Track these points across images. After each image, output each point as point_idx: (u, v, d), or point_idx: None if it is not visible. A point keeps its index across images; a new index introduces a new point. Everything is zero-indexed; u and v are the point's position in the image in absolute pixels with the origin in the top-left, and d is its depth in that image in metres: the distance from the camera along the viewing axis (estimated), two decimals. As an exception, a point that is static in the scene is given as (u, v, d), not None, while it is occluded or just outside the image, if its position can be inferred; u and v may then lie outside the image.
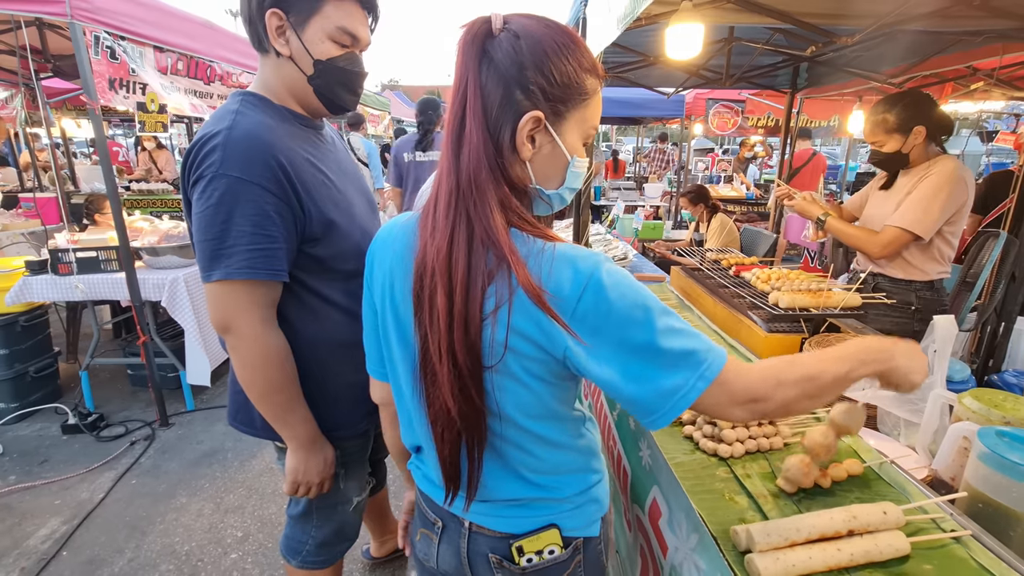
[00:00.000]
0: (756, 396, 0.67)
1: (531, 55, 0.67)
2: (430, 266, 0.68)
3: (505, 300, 0.65)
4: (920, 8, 2.14)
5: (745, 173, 9.10)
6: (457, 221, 0.67)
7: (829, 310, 1.66)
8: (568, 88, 0.69)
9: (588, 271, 0.64)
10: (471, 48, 0.67)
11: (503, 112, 0.67)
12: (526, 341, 0.67)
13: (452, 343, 0.66)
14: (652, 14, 2.30)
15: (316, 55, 1.04)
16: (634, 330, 0.64)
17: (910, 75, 3.79)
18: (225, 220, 0.96)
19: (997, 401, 1.04)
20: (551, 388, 0.73)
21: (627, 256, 3.23)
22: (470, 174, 0.67)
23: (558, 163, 0.73)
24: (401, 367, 0.81)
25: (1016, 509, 0.84)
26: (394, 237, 0.80)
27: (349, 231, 1.13)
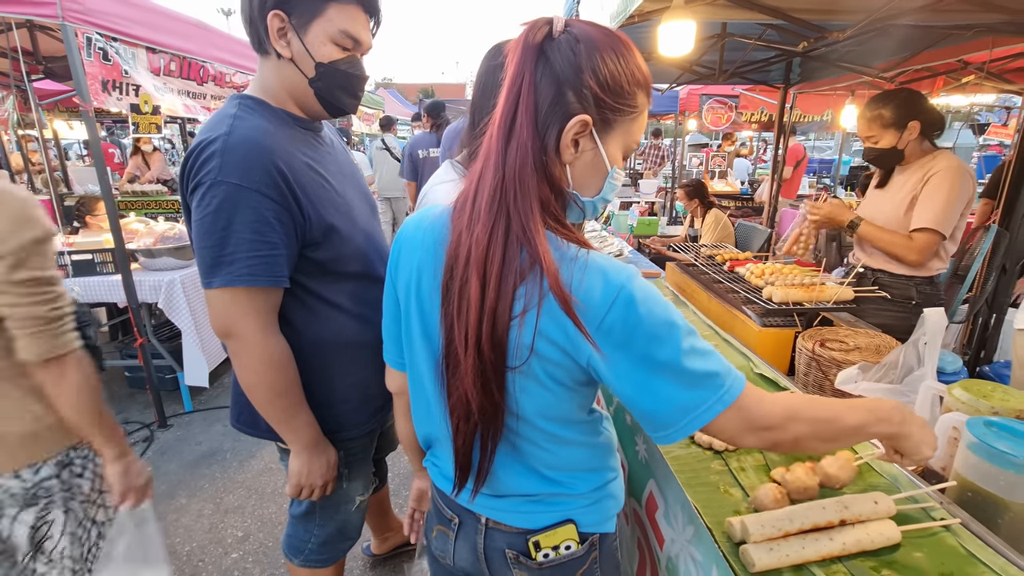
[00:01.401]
0: (771, 425, 0.69)
1: (588, 59, 0.67)
2: (464, 256, 0.68)
3: (535, 304, 0.66)
4: (911, 2, 2.15)
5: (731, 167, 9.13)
6: (499, 214, 0.67)
7: (822, 304, 1.68)
8: (620, 97, 0.70)
9: (619, 284, 0.64)
10: (530, 47, 0.68)
11: (552, 112, 0.68)
12: (552, 346, 0.68)
13: (480, 336, 0.67)
14: (645, 11, 2.31)
15: (318, 58, 1.05)
16: (659, 347, 0.65)
17: (901, 69, 3.81)
18: (225, 227, 0.97)
19: (986, 392, 1.06)
20: (572, 394, 0.74)
21: (623, 253, 3.24)
22: (516, 169, 0.67)
23: (598, 171, 0.74)
24: (422, 359, 0.81)
25: (1004, 497, 0.86)
26: (424, 230, 0.79)
27: (350, 234, 1.14)
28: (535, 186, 0.67)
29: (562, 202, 0.72)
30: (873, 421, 0.75)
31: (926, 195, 1.85)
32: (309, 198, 1.05)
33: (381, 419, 1.32)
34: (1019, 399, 1.02)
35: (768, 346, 1.67)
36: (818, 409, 0.72)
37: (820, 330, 1.59)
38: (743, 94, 6.59)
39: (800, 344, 1.52)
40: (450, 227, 0.73)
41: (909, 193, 1.91)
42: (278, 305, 1.08)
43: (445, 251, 0.72)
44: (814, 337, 1.52)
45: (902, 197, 1.94)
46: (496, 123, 0.69)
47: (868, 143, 1.98)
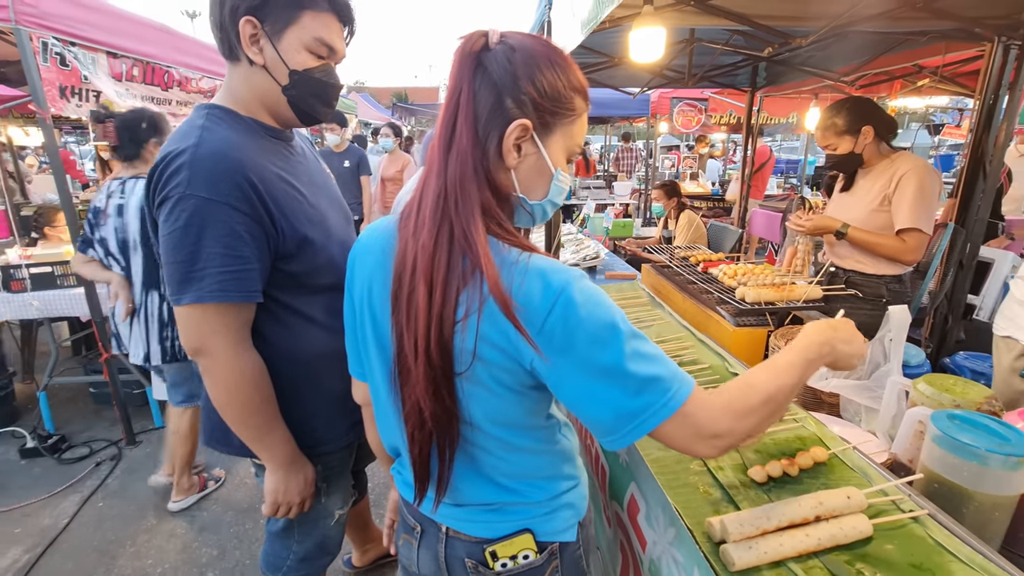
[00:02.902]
0: (719, 432, 0.68)
1: (524, 67, 0.69)
2: (411, 264, 0.69)
3: (475, 308, 0.66)
4: (868, 10, 2.24)
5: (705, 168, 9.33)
6: (442, 221, 0.68)
7: (792, 303, 1.73)
8: (557, 102, 0.72)
9: (559, 287, 0.65)
10: (468, 58, 0.69)
11: (492, 118, 0.69)
12: (495, 350, 0.68)
13: (429, 343, 0.67)
14: (615, 17, 2.34)
15: (292, 65, 1.03)
16: (601, 350, 0.65)
17: (861, 73, 3.96)
18: (195, 242, 0.94)
19: (948, 385, 1.10)
20: (520, 398, 0.74)
21: (599, 255, 3.27)
22: (457, 177, 0.68)
23: (542, 174, 0.75)
24: (378, 369, 0.82)
25: (968, 487, 0.89)
26: (375, 241, 0.81)
27: (324, 246, 1.12)
28: (476, 193, 0.69)
29: (508, 207, 0.74)
30: (806, 366, 0.77)
31: (901, 196, 1.93)
32: (281, 210, 1.03)
33: (359, 431, 1.30)
34: (978, 392, 1.07)
35: (742, 345, 1.70)
36: (761, 392, 0.71)
37: (791, 328, 1.63)
38: (712, 97, 6.74)
39: (773, 343, 1.55)
40: (398, 236, 0.74)
41: (879, 194, 1.99)
42: (251, 320, 1.05)
43: (393, 260, 0.73)
44: (786, 335, 1.56)
45: (872, 198, 2.01)
46: (437, 134, 0.71)
47: (828, 151, 2.08)
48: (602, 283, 2.87)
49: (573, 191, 7.57)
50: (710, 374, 1.45)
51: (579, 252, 3.35)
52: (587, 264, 3.21)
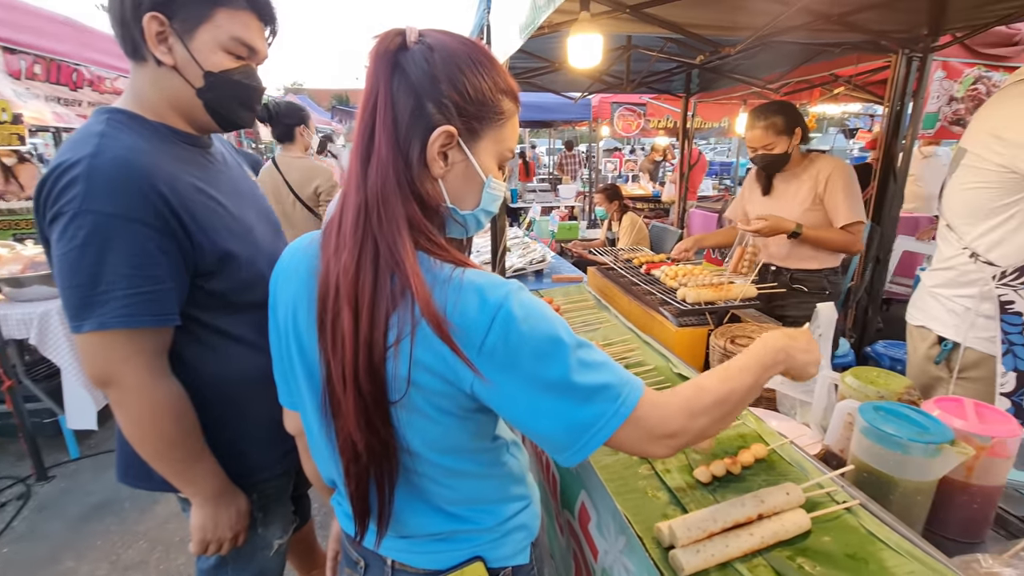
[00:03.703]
0: (673, 431, 0.68)
1: (445, 68, 0.65)
2: (333, 286, 0.64)
3: (407, 332, 0.62)
4: (788, 22, 2.37)
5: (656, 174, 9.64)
6: (365, 239, 0.63)
7: (731, 302, 1.79)
8: (483, 106, 0.68)
9: (497, 302, 0.61)
10: (383, 59, 0.64)
11: (414, 125, 0.65)
12: (431, 375, 0.64)
13: (357, 370, 0.62)
14: (553, 23, 2.36)
15: (207, 66, 0.95)
16: (546, 365, 0.62)
17: (784, 81, 4.21)
18: (95, 263, 0.84)
19: (872, 377, 1.16)
20: (462, 422, 0.70)
21: (545, 258, 3.29)
22: (377, 189, 0.63)
23: (472, 183, 0.71)
24: (308, 398, 0.76)
25: (893, 475, 0.94)
26: (298, 260, 0.75)
27: (251, 260, 1.04)
28: (400, 206, 0.64)
29: (437, 219, 0.70)
30: (761, 371, 0.78)
31: (835, 194, 2.07)
32: (199, 223, 0.94)
33: (297, 458, 1.22)
34: (898, 383, 1.14)
35: (684, 345, 1.75)
36: (713, 393, 0.71)
37: (730, 327, 1.69)
38: (650, 102, 6.96)
39: (713, 342, 1.60)
40: (320, 256, 0.68)
41: (809, 194, 2.11)
42: (167, 345, 0.96)
43: (317, 281, 0.68)
44: (725, 334, 1.61)
45: (802, 198, 2.13)
46: (354, 145, 0.66)
47: (764, 150, 2.14)
48: (549, 287, 2.88)
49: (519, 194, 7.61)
50: (655, 375, 1.47)
51: (526, 256, 3.35)
52: (534, 267, 3.22)
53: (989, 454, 0.92)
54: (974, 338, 1.47)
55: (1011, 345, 1.40)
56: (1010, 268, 1.37)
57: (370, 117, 0.64)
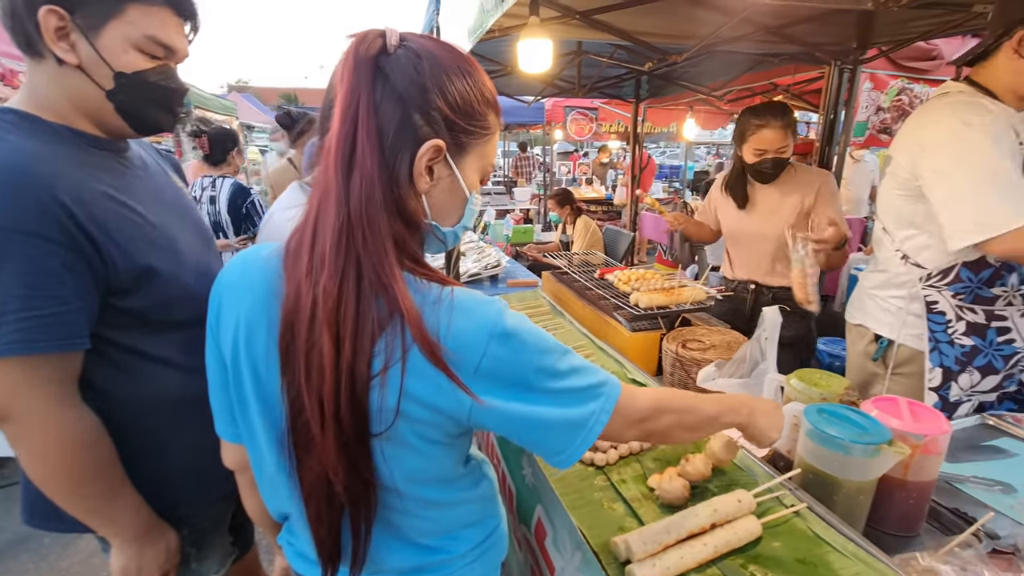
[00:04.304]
0: (645, 416, 0.74)
1: (434, 78, 0.62)
2: (308, 311, 0.58)
3: (397, 359, 0.58)
4: (732, 32, 2.45)
5: (605, 177, 9.82)
6: (348, 260, 0.58)
7: (682, 306, 1.82)
8: (472, 119, 0.65)
9: (491, 320, 0.60)
10: (364, 63, 0.60)
11: (401, 138, 0.61)
12: (421, 405, 0.61)
13: (338, 403, 0.58)
14: (504, 26, 2.34)
15: (118, 67, 0.87)
16: (542, 376, 0.63)
17: (727, 89, 4.37)
18: None
19: (815, 379, 1.20)
20: (448, 450, 0.68)
21: (500, 263, 3.27)
22: (362, 205, 0.59)
23: (456, 198, 0.69)
24: (261, 430, 0.69)
25: (837, 476, 0.96)
26: (252, 277, 0.68)
27: (175, 274, 0.95)
28: (386, 223, 0.60)
29: (419, 236, 0.66)
30: (725, 411, 0.85)
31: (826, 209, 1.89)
32: (111, 236, 0.85)
33: (235, 484, 1.14)
34: (839, 383, 1.18)
35: (638, 349, 1.76)
36: (680, 400, 0.80)
37: (681, 331, 1.72)
38: (602, 107, 7.09)
39: (665, 346, 1.62)
40: (284, 275, 0.63)
41: (794, 209, 1.92)
42: (76, 372, 0.86)
43: (280, 304, 0.62)
44: (676, 339, 1.63)
45: (786, 213, 1.94)
46: (332, 152, 0.60)
47: (777, 154, 1.88)
48: (504, 291, 2.86)
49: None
50: (610, 382, 1.47)
51: (481, 260, 3.32)
52: (489, 272, 3.19)
53: (923, 452, 0.96)
54: (906, 335, 1.55)
55: (937, 343, 1.48)
56: (935, 270, 1.46)
57: (351, 125, 0.59)
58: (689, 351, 1.55)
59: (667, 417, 0.76)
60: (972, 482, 1.14)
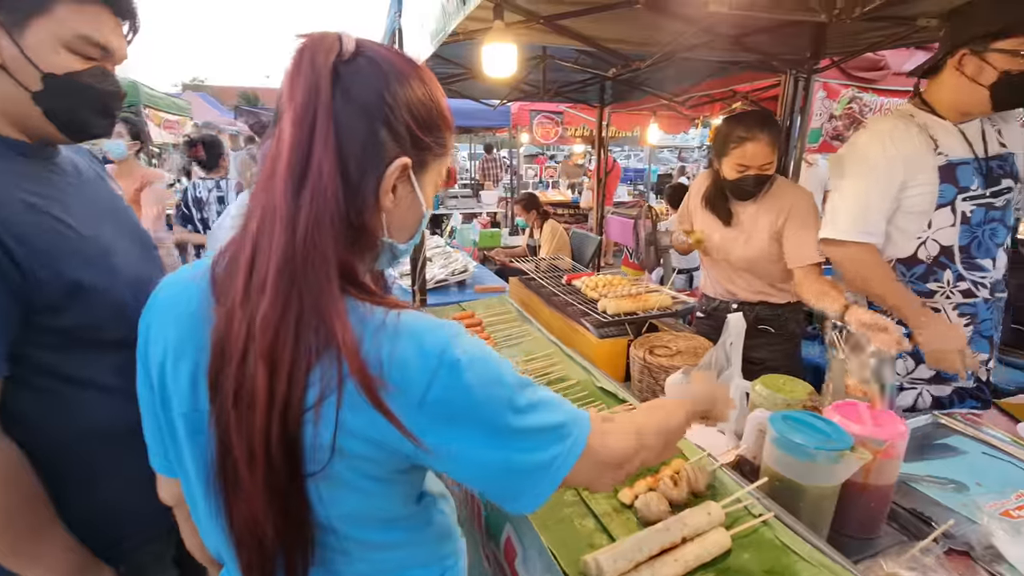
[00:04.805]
0: (621, 460, 0.68)
1: (398, 90, 0.58)
2: (242, 341, 0.53)
3: (333, 389, 0.53)
4: (692, 40, 2.49)
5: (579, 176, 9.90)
6: (291, 287, 0.53)
7: (649, 312, 1.83)
8: (435, 134, 0.62)
9: (439, 349, 0.55)
10: (321, 68, 0.55)
11: (367, 154, 0.57)
12: (360, 440, 0.55)
13: (269, 441, 0.52)
14: (468, 30, 2.31)
15: (46, 68, 0.80)
16: (495, 412, 0.57)
17: (689, 95, 4.46)
18: None
19: (779, 385, 1.21)
20: (391, 487, 0.62)
21: (468, 269, 3.23)
22: (310, 227, 0.53)
23: (413, 215, 0.65)
24: (192, 466, 0.64)
25: (801, 482, 0.97)
26: (178, 302, 0.63)
27: (108, 290, 0.88)
28: (332, 247, 0.55)
29: (371, 255, 0.63)
30: (691, 415, 0.84)
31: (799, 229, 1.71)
32: (34, 249, 0.78)
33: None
34: (802, 389, 1.19)
35: (606, 356, 1.76)
36: (653, 427, 0.75)
37: (649, 337, 1.72)
38: (567, 111, 7.14)
39: (633, 353, 1.62)
40: (212, 298, 0.58)
41: (768, 227, 1.77)
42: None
43: (209, 330, 0.57)
44: (644, 345, 1.63)
45: (760, 230, 1.79)
46: (282, 167, 0.54)
47: (761, 171, 1.69)
48: (472, 298, 2.83)
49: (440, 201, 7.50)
50: (579, 390, 1.46)
51: (448, 266, 3.27)
52: (456, 278, 3.15)
53: (883, 456, 0.98)
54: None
55: None
56: None
57: (307, 136, 0.54)
58: (657, 357, 1.55)
59: (644, 453, 0.71)
60: (927, 481, 1.18)
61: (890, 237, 1.51)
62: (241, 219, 0.59)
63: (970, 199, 1.44)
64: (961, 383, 1.54)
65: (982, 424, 1.38)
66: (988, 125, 1.47)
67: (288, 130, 0.54)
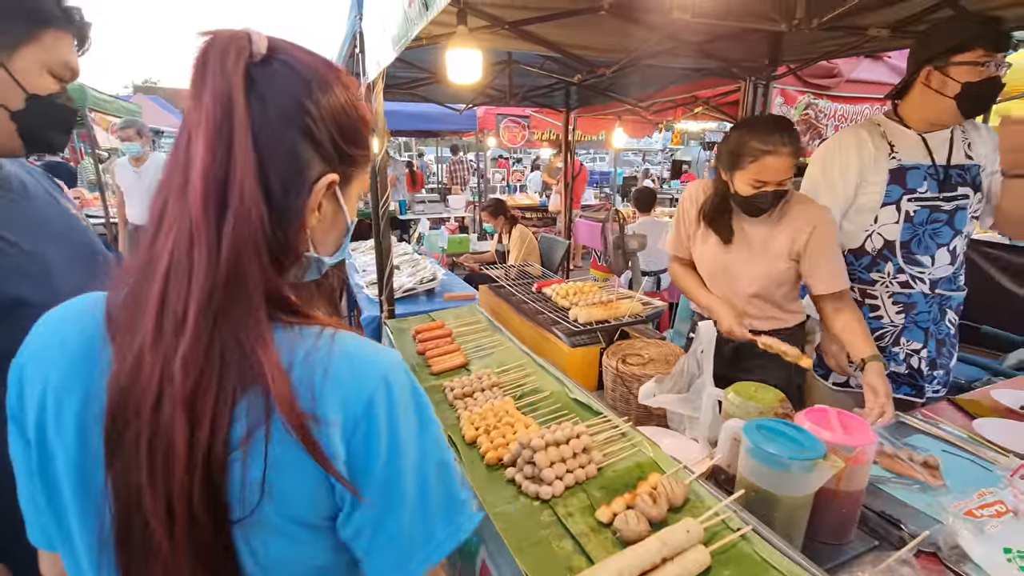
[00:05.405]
0: None
1: (320, 99, 0.53)
2: (153, 387, 0.47)
3: (261, 422, 0.48)
4: (655, 47, 2.52)
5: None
6: (216, 323, 0.48)
7: (621, 320, 1.82)
8: (359, 146, 0.58)
9: (375, 379, 0.52)
10: (233, 73, 0.49)
11: (291, 170, 0.52)
12: (291, 477, 0.50)
13: (191, 496, 0.47)
14: (432, 35, 2.27)
15: (32, 89, 0.86)
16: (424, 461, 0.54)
17: (653, 100, 4.53)
18: None
19: (751, 393, 1.22)
20: (328, 535, 0.56)
21: (436, 276, 3.18)
22: (233, 254, 0.48)
23: (338, 228, 0.62)
24: (79, 533, 0.54)
25: (776, 492, 0.97)
26: (61, 335, 0.55)
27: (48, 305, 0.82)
28: (259, 273, 0.50)
29: (297, 271, 0.58)
30: None
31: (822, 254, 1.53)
32: None
33: None
34: (773, 396, 1.20)
35: (578, 365, 1.74)
36: None
37: (620, 344, 1.72)
38: (533, 115, 7.16)
39: (605, 362, 1.61)
40: (108, 337, 0.51)
41: (784, 248, 1.56)
42: None
43: (103, 375, 0.49)
44: (616, 354, 1.62)
45: (775, 253, 1.57)
46: (197, 187, 0.48)
47: (779, 187, 1.47)
48: (441, 306, 2.77)
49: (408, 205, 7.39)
50: (552, 402, 1.44)
51: (416, 274, 3.21)
52: (425, 287, 3.09)
53: (854, 463, 0.99)
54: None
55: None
56: None
57: (224, 154, 0.48)
58: (629, 366, 1.54)
59: None
60: (892, 483, 1.20)
61: (843, 229, 1.67)
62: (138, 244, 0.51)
63: (915, 200, 1.57)
64: (894, 367, 1.65)
65: (941, 422, 1.43)
66: (960, 137, 1.60)
67: (202, 144, 0.48)
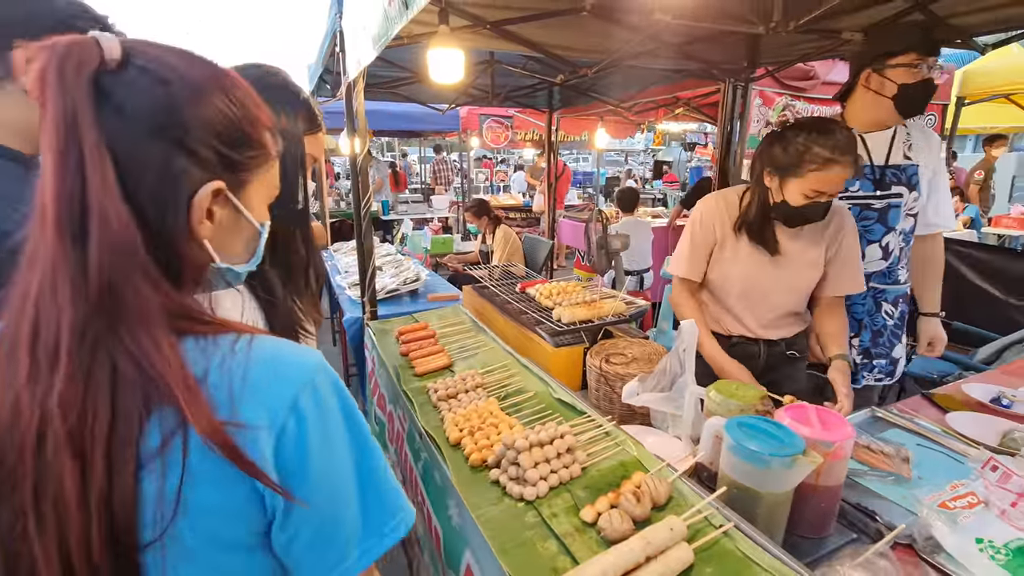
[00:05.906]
0: None
1: (192, 104, 0.50)
2: (32, 434, 0.44)
3: (176, 432, 0.46)
4: (636, 48, 2.54)
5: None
6: (97, 351, 0.45)
7: (604, 319, 1.83)
8: (248, 148, 0.55)
9: (298, 384, 0.51)
10: (75, 87, 0.44)
11: (165, 186, 0.49)
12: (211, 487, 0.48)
13: (89, 545, 0.43)
14: (413, 34, 2.25)
15: None
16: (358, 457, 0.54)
17: (635, 101, 4.56)
18: None
19: (731, 391, 1.23)
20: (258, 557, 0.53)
21: (420, 277, 3.16)
22: (106, 279, 0.45)
23: (243, 235, 0.59)
24: None
25: (758, 489, 0.98)
26: None
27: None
28: (153, 293, 0.47)
29: (203, 280, 0.56)
30: None
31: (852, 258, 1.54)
32: None
33: None
34: (754, 394, 1.21)
35: (561, 365, 1.75)
36: None
37: (604, 344, 1.72)
38: (517, 116, 7.16)
39: (589, 362, 1.61)
40: None
41: (819, 257, 1.53)
42: None
43: None
44: (600, 353, 1.63)
45: (808, 261, 1.53)
46: (49, 218, 0.44)
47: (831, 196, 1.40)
48: (425, 307, 2.76)
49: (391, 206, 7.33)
50: (536, 402, 1.43)
51: (399, 275, 3.19)
52: (408, 287, 3.07)
53: (832, 458, 1.01)
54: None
55: None
56: None
57: (75, 179, 0.44)
58: (613, 366, 1.55)
59: None
60: (869, 475, 1.23)
61: None
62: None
63: (847, 198, 1.66)
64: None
65: (916, 416, 1.46)
66: (902, 138, 1.66)
67: (50, 171, 0.44)
